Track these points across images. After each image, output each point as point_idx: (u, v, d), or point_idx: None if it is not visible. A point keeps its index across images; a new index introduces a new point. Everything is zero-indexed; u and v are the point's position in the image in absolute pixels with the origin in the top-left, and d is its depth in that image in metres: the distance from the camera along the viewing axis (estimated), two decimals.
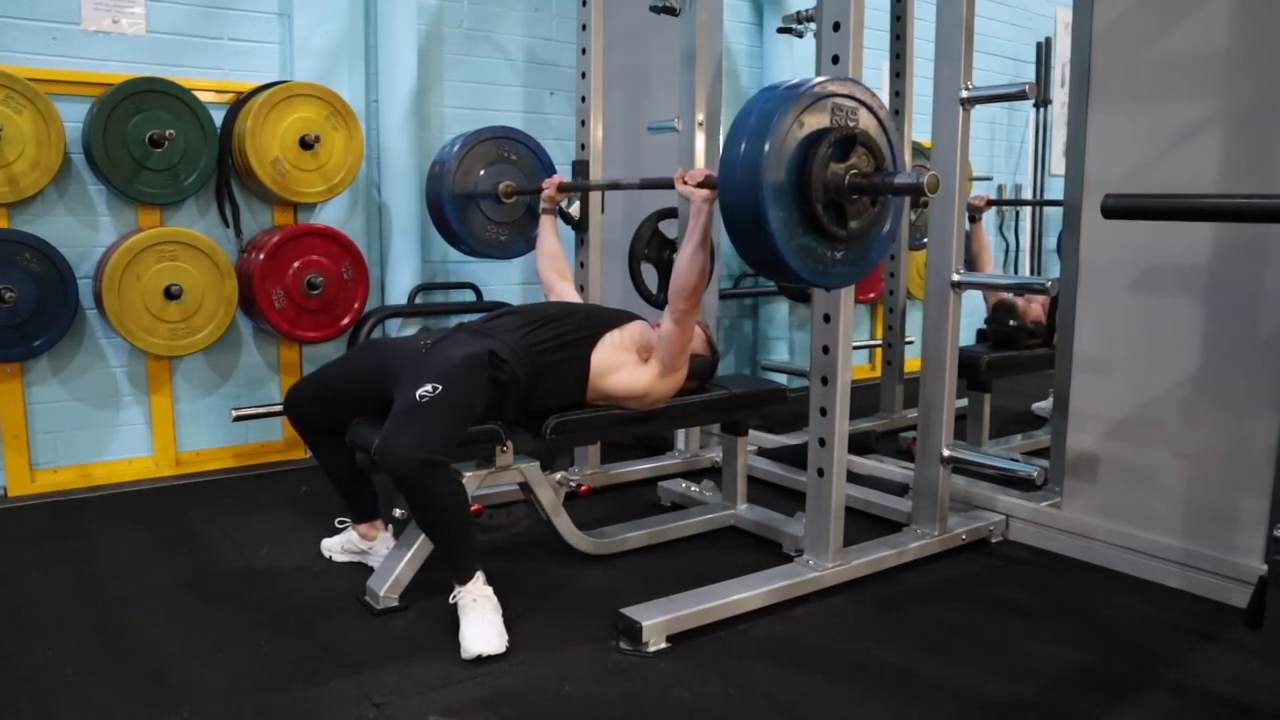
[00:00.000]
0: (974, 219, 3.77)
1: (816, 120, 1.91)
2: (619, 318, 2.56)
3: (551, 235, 2.96)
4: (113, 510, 3.02)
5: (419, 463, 2.03)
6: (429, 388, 2.14)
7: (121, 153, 3.03)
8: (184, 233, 3.13)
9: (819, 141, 1.88)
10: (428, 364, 2.24)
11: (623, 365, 2.45)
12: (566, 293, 2.89)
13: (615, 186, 2.96)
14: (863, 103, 1.98)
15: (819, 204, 1.89)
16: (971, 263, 3.74)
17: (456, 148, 3.17)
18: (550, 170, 3.27)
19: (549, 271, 2.92)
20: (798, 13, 3.89)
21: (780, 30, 4.06)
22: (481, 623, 2.07)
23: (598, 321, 2.50)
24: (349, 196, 3.53)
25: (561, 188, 2.97)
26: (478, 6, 3.92)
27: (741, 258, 2.03)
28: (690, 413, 2.67)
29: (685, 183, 2.33)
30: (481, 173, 3.20)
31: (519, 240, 3.34)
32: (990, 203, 4.19)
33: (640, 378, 2.45)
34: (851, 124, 1.95)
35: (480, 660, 2.01)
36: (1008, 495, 2.85)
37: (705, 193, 2.28)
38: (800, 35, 4.03)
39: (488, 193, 3.21)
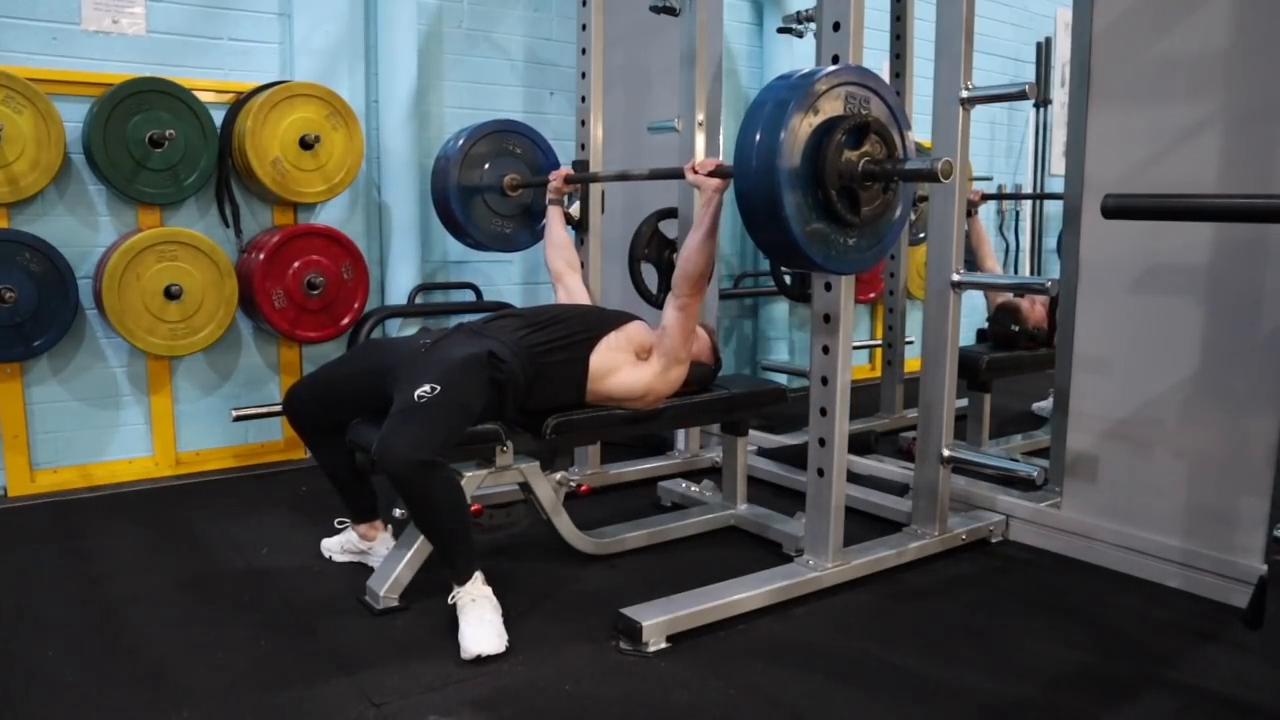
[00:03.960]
0: (970, 213, 3.76)
1: (830, 108, 1.95)
2: (618, 319, 2.56)
3: (559, 225, 2.98)
4: (113, 510, 3.02)
5: (416, 464, 2.03)
6: (427, 388, 2.14)
7: (121, 153, 3.03)
8: (184, 233, 3.13)
9: (833, 129, 1.92)
10: (427, 364, 2.24)
11: (621, 366, 2.45)
12: (575, 284, 2.89)
13: (624, 177, 2.95)
14: (874, 91, 2.02)
15: (833, 190, 1.93)
16: (971, 256, 3.73)
17: (461, 141, 3.19)
18: (554, 163, 3.29)
19: (558, 261, 2.93)
20: (798, 13, 3.89)
21: (780, 30, 4.06)
22: (480, 623, 2.07)
23: (597, 323, 2.50)
24: (349, 196, 3.53)
25: (569, 179, 2.98)
26: (478, 6, 3.92)
27: (754, 241, 2.07)
28: (690, 413, 2.67)
29: (696, 171, 2.36)
30: (486, 166, 3.22)
31: (524, 233, 3.36)
32: (986, 196, 4.18)
33: (640, 376, 2.45)
34: (864, 112, 1.98)
35: (480, 660, 2.01)
36: (1008, 495, 2.84)
37: (716, 181, 2.32)
38: (800, 35, 4.03)
39: (492, 185, 3.23)
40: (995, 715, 1.87)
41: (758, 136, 1.91)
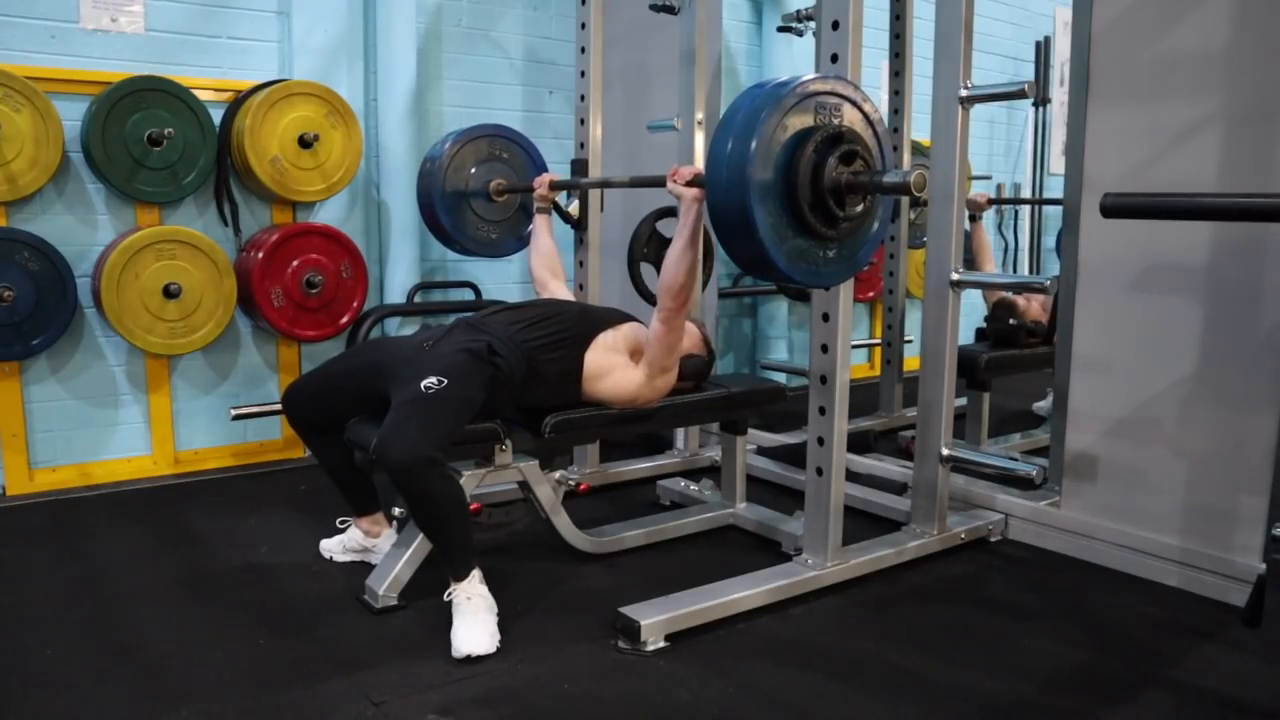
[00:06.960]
0: (974, 218, 3.76)
1: (802, 120, 1.88)
2: (613, 318, 2.56)
3: (545, 233, 2.94)
4: (111, 509, 3.02)
5: (421, 459, 2.02)
6: (434, 380, 2.14)
7: (120, 151, 3.03)
8: (183, 231, 3.13)
9: (805, 141, 1.86)
10: (431, 358, 2.25)
11: (615, 368, 2.44)
12: (559, 291, 2.87)
13: (606, 184, 2.96)
14: (849, 100, 1.96)
15: (806, 204, 1.86)
16: (971, 263, 3.72)
17: (447, 145, 3.18)
18: (542, 168, 3.27)
19: (541, 269, 2.90)
20: (797, 11, 3.89)
21: (780, 29, 4.06)
22: (474, 622, 2.07)
23: (592, 321, 2.50)
24: (348, 195, 3.53)
25: (553, 185, 2.96)
26: (477, 5, 3.91)
27: (731, 259, 1.98)
28: (689, 411, 2.67)
29: (675, 181, 2.31)
30: (472, 171, 3.21)
31: (510, 239, 3.35)
32: (991, 201, 4.18)
33: (630, 381, 2.44)
34: (837, 121, 1.92)
35: (472, 659, 2.01)
36: (1007, 494, 2.84)
37: (695, 191, 2.26)
38: (800, 34, 4.03)
39: (479, 191, 3.22)
40: (995, 714, 1.87)
41: (728, 148, 1.84)
